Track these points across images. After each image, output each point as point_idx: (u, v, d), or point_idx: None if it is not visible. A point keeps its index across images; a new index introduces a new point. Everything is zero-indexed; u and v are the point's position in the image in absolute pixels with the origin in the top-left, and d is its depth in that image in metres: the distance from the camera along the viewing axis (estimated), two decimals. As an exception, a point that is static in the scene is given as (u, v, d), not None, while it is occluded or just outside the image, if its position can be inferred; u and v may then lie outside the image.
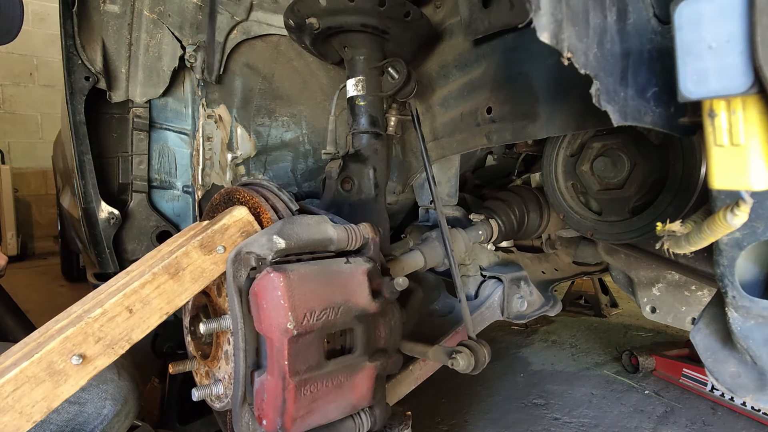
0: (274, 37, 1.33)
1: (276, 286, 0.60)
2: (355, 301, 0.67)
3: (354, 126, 0.99)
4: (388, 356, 0.77)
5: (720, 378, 0.64)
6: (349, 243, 0.71)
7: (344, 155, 0.97)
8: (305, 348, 0.63)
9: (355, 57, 0.98)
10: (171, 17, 1.22)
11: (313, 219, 0.69)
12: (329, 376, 0.67)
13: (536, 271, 1.52)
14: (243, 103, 1.37)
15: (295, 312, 0.60)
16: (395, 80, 0.98)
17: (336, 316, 0.65)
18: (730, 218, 0.45)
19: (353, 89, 0.98)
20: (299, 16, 0.94)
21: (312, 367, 0.64)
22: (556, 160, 1.14)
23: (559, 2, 0.48)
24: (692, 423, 1.62)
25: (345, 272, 0.68)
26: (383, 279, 0.73)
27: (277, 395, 0.62)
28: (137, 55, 1.23)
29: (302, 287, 0.62)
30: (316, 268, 0.65)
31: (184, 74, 1.32)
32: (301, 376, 0.63)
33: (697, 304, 1.14)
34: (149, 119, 1.30)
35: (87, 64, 1.16)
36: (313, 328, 0.62)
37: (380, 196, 1.00)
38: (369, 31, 0.94)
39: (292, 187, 1.50)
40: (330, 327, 0.65)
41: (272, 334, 0.61)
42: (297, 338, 0.61)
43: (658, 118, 0.56)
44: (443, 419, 1.62)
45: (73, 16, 1.12)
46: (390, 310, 0.76)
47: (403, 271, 1.04)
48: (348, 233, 0.71)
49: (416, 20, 0.94)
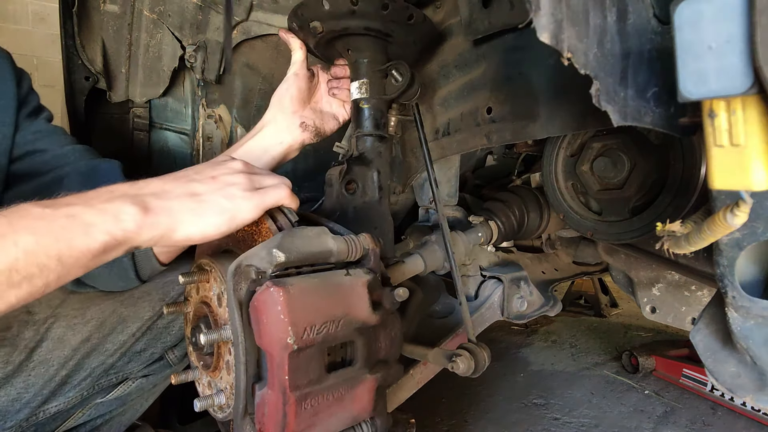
0: (274, 37, 1.33)
1: (276, 300, 0.59)
2: (355, 314, 0.67)
3: (358, 129, 0.99)
4: (389, 367, 0.76)
5: (720, 378, 0.64)
6: (350, 254, 0.70)
7: (348, 158, 0.97)
8: (306, 362, 0.62)
9: (359, 60, 0.98)
10: (171, 17, 1.22)
11: (313, 231, 0.69)
12: (330, 389, 0.66)
13: (536, 271, 1.52)
14: (243, 103, 1.37)
15: (295, 327, 0.60)
16: (399, 83, 0.98)
17: (337, 329, 0.64)
18: (730, 218, 0.45)
19: (357, 92, 0.98)
20: (303, 19, 0.94)
21: (313, 381, 0.64)
22: (556, 160, 1.15)
23: (559, 2, 0.48)
24: (692, 423, 1.62)
25: (345, 285, 0.67)
26: (384, 290, 0.73)
27: (278, 410, 0.62)
28: (137, 55, 1.23)
29: (302, 301, 0.61)
30: (316, 282, 0.64)
31: (184, 74, 1.32)
32: (302, 390, 0.62)
33: (697, 304, 1.14)
34: (149, 119, 1.30)
35: (87, 64, 1.17)
36: (314, 342, 0.62)
37: (384, 198, 1.00)
38: (372, 34, 0.94)
39: (294, 187, 1.50)
40: (331, 340, 0.65)
41: (272, 348, 0.60)
42: (297, 353, 0.61)
43: (658, 118, 0.56)
44: (443, 419, 1.62)
45: (73, 16, 1.12)
46: (390, 321, 0.75)
47: (404, 276, 1.04)
48: (348, 245, 0.70)
49: (419, 23, 0.94)
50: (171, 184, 0.66)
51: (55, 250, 0.53)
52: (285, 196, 0.71)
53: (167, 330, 1.04)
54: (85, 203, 0.58)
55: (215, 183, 0.67)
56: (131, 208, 0.59)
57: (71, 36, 1.13)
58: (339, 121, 1.09)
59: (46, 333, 0.90)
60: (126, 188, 0.63)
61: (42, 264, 0.53)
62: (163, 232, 0.62)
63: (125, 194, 0.61)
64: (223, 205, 0.65)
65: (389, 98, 1.01)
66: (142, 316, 0.99)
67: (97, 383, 0.98)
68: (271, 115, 1.02)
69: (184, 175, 0.68)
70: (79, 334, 0.93)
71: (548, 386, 1.88)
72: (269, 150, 1.01)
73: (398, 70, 0.98)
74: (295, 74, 1.01)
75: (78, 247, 0.55)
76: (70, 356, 0.92)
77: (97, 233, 0.56)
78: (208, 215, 0.64)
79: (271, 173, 0.75)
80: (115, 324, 0.96)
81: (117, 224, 0.58)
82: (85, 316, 0.93)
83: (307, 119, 1.03)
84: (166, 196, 0.63)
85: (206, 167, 0.70)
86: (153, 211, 0.61)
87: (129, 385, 1.02)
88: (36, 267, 0.52)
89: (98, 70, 1.18)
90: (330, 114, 1.08)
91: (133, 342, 0.99)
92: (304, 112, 1.03)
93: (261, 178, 0.72)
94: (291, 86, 1.01)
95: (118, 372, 1.00)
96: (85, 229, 0.56)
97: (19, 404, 0.88)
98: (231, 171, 0.69)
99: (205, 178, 0.67)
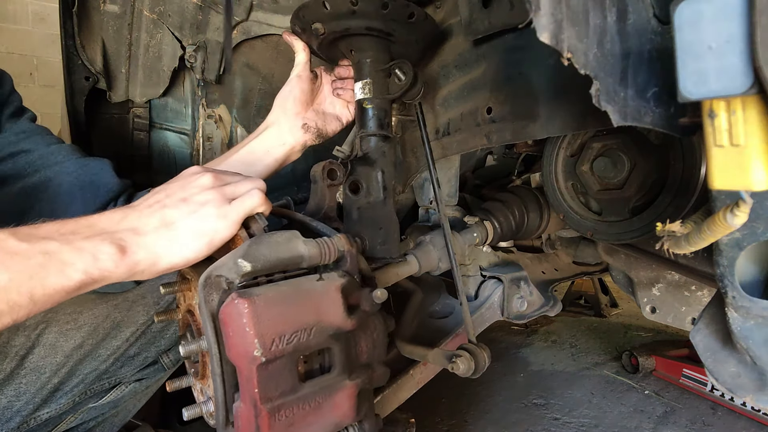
0: (274, 37, 1.33)
1: (241, 312, 0.58)
2: (328, 320, 0.65)
3: (362, 129, 0.99)
4: (373, 370, 0.75)
5: (720, 378, 0.64)
6: (323, 258, 0.68)
7: (352, 158, 0.97)
8: (276, 373, 0.61)
9: (362, 60, 0.97)
10: (171, 17, 1.22)
11: (283, 236, 0.67)
12: (306, 398, 0.64)
13: (536, 271, 1.52)
14: (243, 103, 1.37)
15: (262, 339, 0.58)
16: (402, 82, 0.98)
17: (309, 337, 0.63)
18: (730, 218, 0.45)
19: (360, 92, 0.98)
20: (304, 21, 0.94)
21: (286, 392, 0.62)
22: (556, 161, 1.15)
23: (559, 2, 0.48)
24: (692, 423, 1.62)
25: (317, 291, 0.65)
26: (362, 291, 0.71)
27: (250, 423, 0.60)
28: (137, 55, 1.23)
29: (270, 311, 0.59)
30: (285, 289, 0.63)
31: (184, 74, 1.32)
32: (274, 402, 0.61)
33: (697, 304, 1.14)
34: (149, 119, 1.30)
35: (87, 64, 1.16)
36: (283, 353, 0.60)
37: (389, 198, 0.99)
38: (374, 34, 0.94)
39: (292, 187, 1.50)
40: (303, 349, 0.63)
41: (240, 362, 0.59)
42: (266, 365, 0.59)
43: (658, 118, 0.56)
44: (443, 419, 1.62)
45: (73, 16, 1.12)
46: (372, 323, 0.73)
47: (398, 276, 1.03)
48: (321, 248, 0.68)
49: (421, 21, 0.94)
50: (146, 217, 0.65)
51: (27, 287, 0.53)
52: (258, 203, 0.70)
53: (161, 334, 1.03)
54: (62, 239, 0.58)
55: (187, 206, 0.66)
56: (109, 247, 0.59)
57: (71, 36, 1.13)
58: (342, 122, 1.09)
59: (37, 339, 0.89)
60: (105, 223, 0.63)
61: (13, 301, 0.52)
62: (144, 267, 0.62)
63: (104, 231, 0.61)
64: (199, 229, 0.65)
65: (392, 98, 1.00)
66: (137, 320, 0.98)
67: (90, 389, 0.97)
68: (274, 117, 1.03)
69: (156, 201, 0.67)
70: (72, 340, 0.92)
71: (548, 386, 1.88)
72: (271, 151, 1.02)
73: (401, 69, 0.98)
74: (298, 76, 1.01)
75: (52, 285, 0.55)
76: (62, 363, 0.91)
77: (73, 272, 0.56)
78: (187, 242, 0.64)
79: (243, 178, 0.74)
80: (108, 329, 0.96)
81: (95, 263, 0.57)
82: (77, 322, 0.93)
83: (309, 121, 1.03)
84: (142, 231, 0.63)
85: (177, 188, 0.69)
86: (131, 250, 0.61)
87: (122, 390, 1.02)
88: (6, 304, 0.52)
89: (98, 70, 1.18)
90: (333, 115, 1.08)
91: (127, 347, 0.99)
92: (307, 113, 1.03)
93: (233, 187, 0.71)
94: (294, 88, 1.01)
95: (111, 377, 1.00)
96: (61, 268, 0.55)
97: (10, 413, 0.87)
98: (201, 188, 0.68)
99: (177, 201, 0.67)
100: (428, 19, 0.96)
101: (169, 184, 0.71)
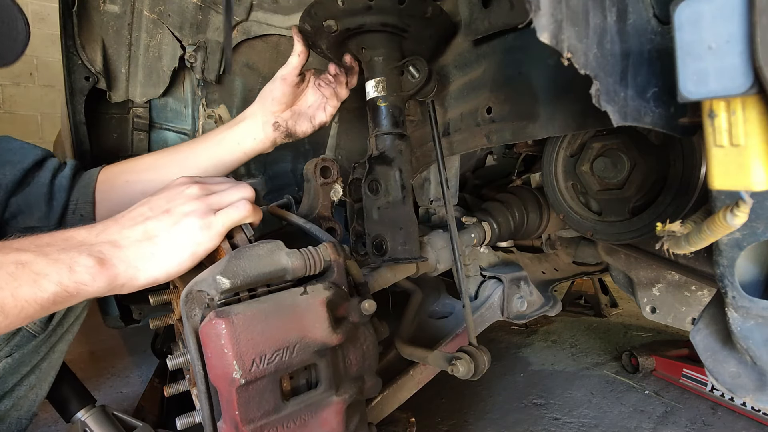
0: (274, 37, 1.33)
1: (219, 333, 0.56)
2: (313, 337, 0.62)
3: (376, 128, 0.97)
4: (363, 382, 0.73)
5: (720, 378, 0.64)
6: (307, 270, 0.66)
7: (369, 158, 0.96)
8: (258, 394, 0.59)
9: (374, 58, 0.96)
10: (171, 17, 1.22)
11: (264, 248, 0.64)
12: (290, 417, 0.62)
13: (536, 271, 1.52)
14: (243, 103, 1.37)
15: (241, 359, 0.56)
16: (416, 79, 0.96)
17: (291, 355, 0.60)
18: (730, 218, 0.45)
19: (373, 90, 0.96)
20: (316, 19, 0.93)
21: (269, 412, 0.60)
22: (556, 161, 1.15)
23: (559, 2, 0.48)
24: (692, 423, 1.62)
25: (300, 306, 0.62)
26: (350, 302, 0.68)
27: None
28: (137, 56, 1.23)
29: (249, 331, 0.57)
30: (265, 306, 0.60)
31: (184, 74, 1.32)
32: (256, 423, 0.59)
33: (697, 304, 1.14)
34: (149, 119, 1.30)
35: (87, 64, 1.16)
36: (264, 373, 0.58)
37: (408, 197, 0.98)
38: (388, 30, 0.92)
39: (292, 187, 1.50)
40: (285, 368, 0.61)
41: (219, 384, 0.58)
42: (246, 386, 0.57)
43: (658, 118, 0.56)
44: (443, 419, 1.62)
45: (73, 16, 1.12)
46: (362, 334, 0.71)
47: (395, 277, 1.03)
48: (306, 259, 0.66)
49: (436, 16, 0.93)
50: (128, 229, 0.63)
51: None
52: (244, 214, 0.68)
53: None
54: (38, 251, 0.56)
55: (170, 217, 0.64)
56: (87, 260, 0.57)
57: (71, 36, 1.13)
58: (313, 124, 1.06)
59: None
60: (83, 236, 0.61)
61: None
62: (123, 281, 0.60)
63: (82, 243, 0.59)
64: (181, 242, 0.63)
65: (407, 95, 0.99)
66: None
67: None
68: (252, 111, 1.04)
69: (140, 213, 0.66)
70: None
71: (548, 386, 1.88)
72: (242, 143, 1.02)
73: (415, 66, 0.96)
74: (283, 78, 1.00)
75: (24, 296, 0.52)
76: None
77: (47, 284, 0.54)
78: (168, 255, 0.63)
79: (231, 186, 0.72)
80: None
81: (71, 276, 0.56)
82: None
83: (281, 119, 1.03)
84: (122, 244, 0.61)
85: (161, 199, 0.68)
86: (110, 263, 0.59)
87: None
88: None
89: (98, 70, 1.18)
90: (306, 116, 1.06)
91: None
92: (283, 114, 1.04)
93: (220, 196, 0.69)
94: (276, 88, 1.01)
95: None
96: (35, 278, 0.53)
97: None
98: (186, 199, 0.67)
99: (160, 213, 0.65)
100: (443, 15, 0.95)
101: (155, 195, 0.69)
